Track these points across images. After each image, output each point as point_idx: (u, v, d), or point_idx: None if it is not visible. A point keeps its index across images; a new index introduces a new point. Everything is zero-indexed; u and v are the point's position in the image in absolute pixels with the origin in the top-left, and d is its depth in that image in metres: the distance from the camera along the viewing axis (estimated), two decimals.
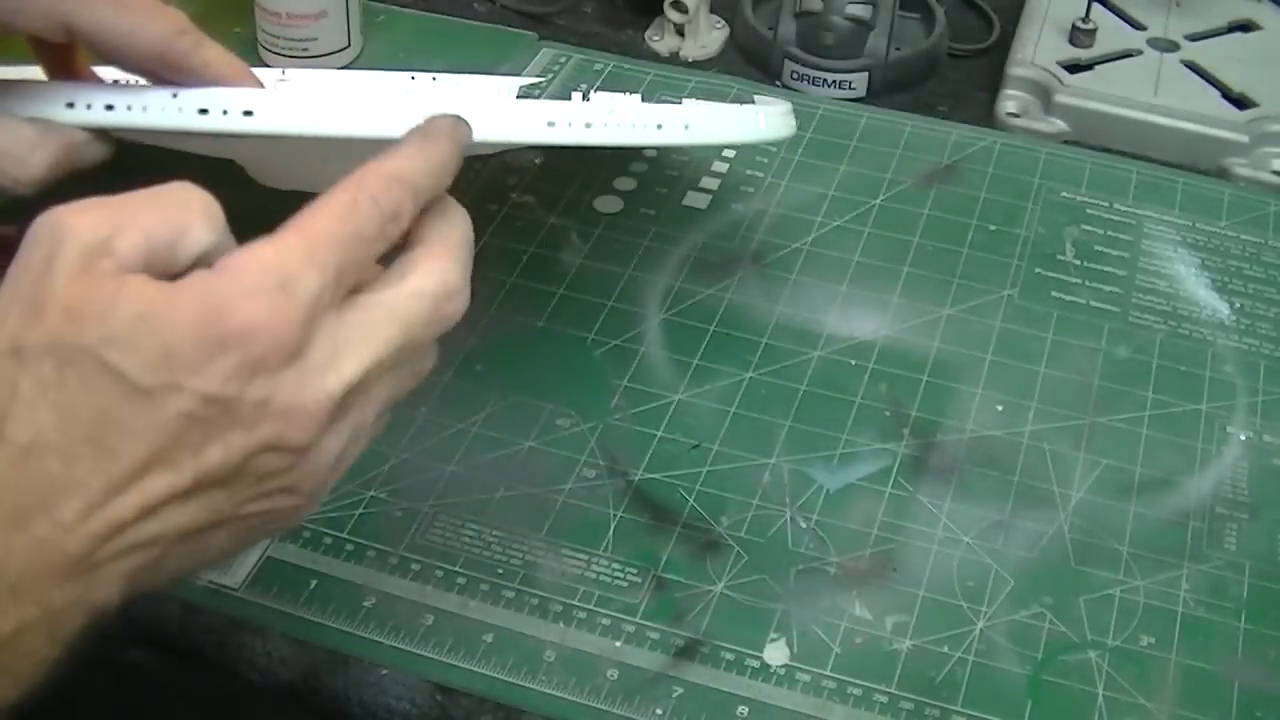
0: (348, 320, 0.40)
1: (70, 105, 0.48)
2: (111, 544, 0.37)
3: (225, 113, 0.48)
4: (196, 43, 0.49)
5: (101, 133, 0.49)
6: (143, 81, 0.50)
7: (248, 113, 0.47)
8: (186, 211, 0.39)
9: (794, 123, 0.62)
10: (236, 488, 0.39)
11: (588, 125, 0.50)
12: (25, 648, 0.37)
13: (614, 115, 0.51)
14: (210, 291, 0.38)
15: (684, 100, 0.65)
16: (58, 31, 0.48)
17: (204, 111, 0.48)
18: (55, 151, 0.48)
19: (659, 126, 0.52)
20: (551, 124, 0.49)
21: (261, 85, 0.50)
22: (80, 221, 0.38)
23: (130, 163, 0.49)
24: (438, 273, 0.42)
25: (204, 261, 0.39)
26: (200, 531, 0.39)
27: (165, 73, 0.49)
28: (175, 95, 0.48)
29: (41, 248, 0.37)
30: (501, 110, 0.49)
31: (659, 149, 0.75)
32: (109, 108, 0.48)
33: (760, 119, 0.58)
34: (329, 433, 0.40)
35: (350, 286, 0.40)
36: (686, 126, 0.53)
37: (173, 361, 0.37)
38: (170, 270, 0.39)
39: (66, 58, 0.53)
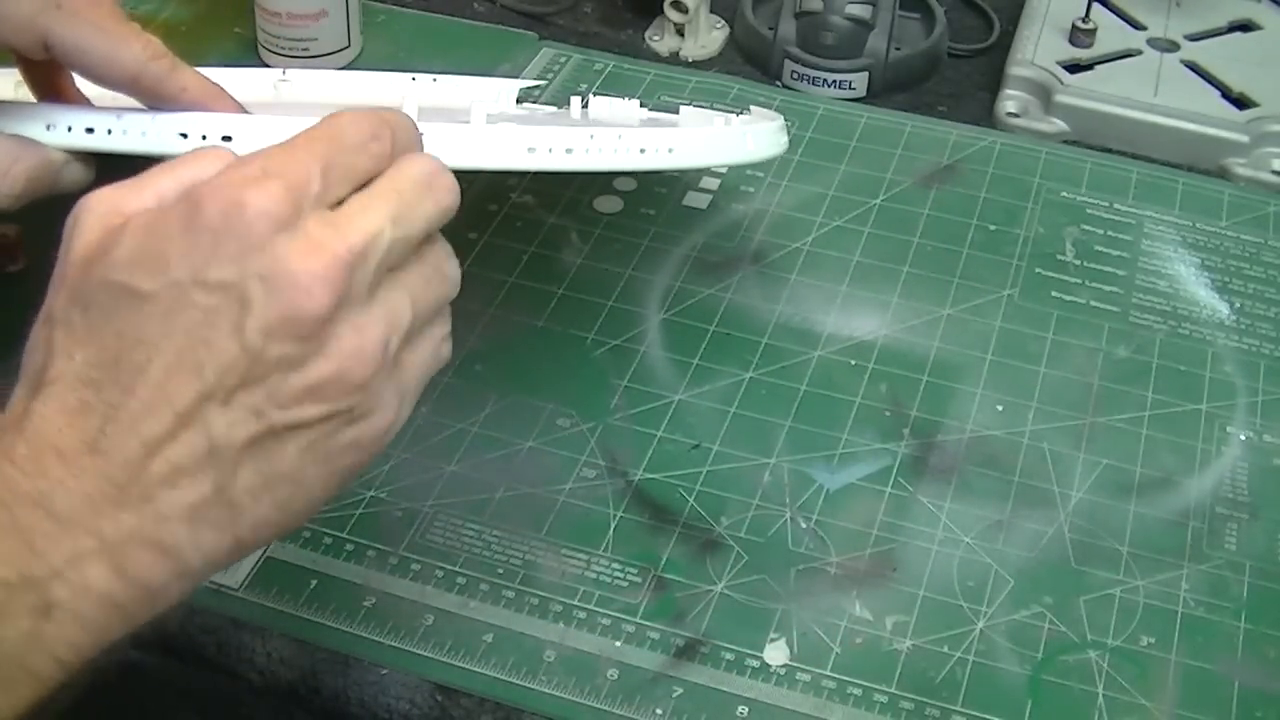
0: (342, 210, 0.40)
1: (49, 127, 0.49)
2: (156, 465, 0.38)
3: (204, 138, 0.47)
4: (171, 68, 0.49)
5: (82, 155, 0.49)
6: (129, 101, 0.50)
7: (226, 138, 0.47)
8: (200, 160, 0.40)
9: (785, 140, 0.61)
10: (274, 384, 0.38)
11: (568, 151, 0.49)
12: (86, 581, 0.37)
13: (595, 140, 0.50)
14: (195, 192, 0.39)
15: (681, 106, 0.65)
16: (36, 48, 0.48)
17: (183, 136, 0.48)
18: (33, 167, 0.48)
19: (641, 151, 0.51)
20: (532, 149, 0.49)
21: (242, 109, 0.50)
22: (95, 195, 0.40)
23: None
24: (417, 160, 0.42)
25: None
26: (256, 447, 0.39)
27: (140, 96, 0.49)
28: (154, 119, 0.48)
29: (67, 231, 0.40)
30: (481, 136, 0.49)
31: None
32: (89, 130, 0.48)
33: (748, 140, 0.58)
34: (357, 310, 0.39)
35: (340, 193, 0.40)
36: (670, 150, 0.52)
37: (168, 261, 0.38)
38: None
39: (52, 77, 0.53)
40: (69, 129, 0.48)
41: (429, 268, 0.42)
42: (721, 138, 0.58)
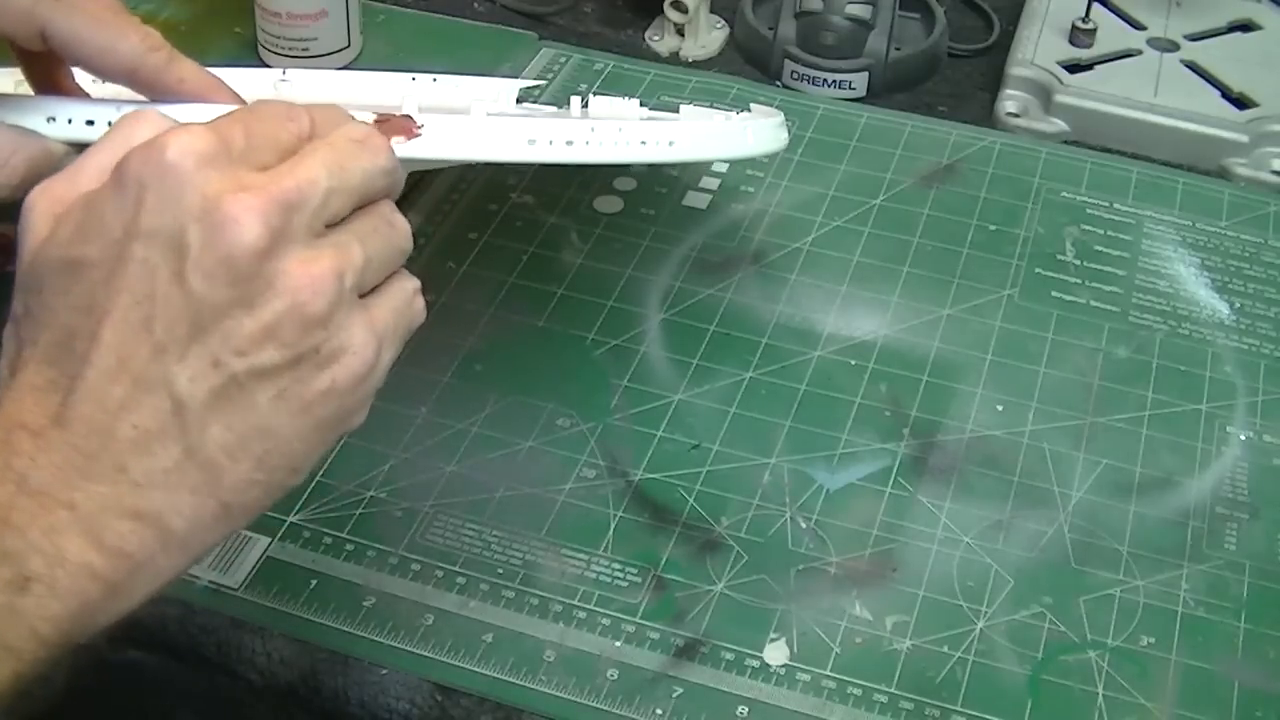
0: (276, 166, 0.40)
1: (51, 119, 0.49)
2: (123, 431, 0.37)
3: None
4: (168, 59, 0.49)
5: (83, 147, 0.49)
6: (130, 94, 0.50)
7: None
8: (133, 126, 0.41)
9: (785, 136, 0.61)
10: (227, 329, 0.38)
11: (569, 143, 0.49)
12: (62, 554, 0.37)
13: (596, 133, 0.50)
14: (125, 157, 0.39)
15: (681, 106, 0.65)
16: (34, 38, 0.48)
17: None
18: (33, 157, 0.48)
19: (642, 143, 0.51)
20: (532, 142, 0.49)
21: (240, 100, 0.50)
22: (39, 190, 0.41)
23: None
24: (349, 124, 0.42)
25: None
26: (222, 400, 0.38)
27: (138, 88, 0.49)
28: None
29: (19, 232, 0.40)
30: (481, 128, 0.49)
31: None
32: (89, 123, 0.48)
33: (748, 135, 0.58)
34: (300, 249, 0.38)
35: (266, 158, 0.40)
36: (671, 143, 0.52)
37: (104, 224, 0.38)
38: None
39: (50, 71, 0.53)
40: (70, 121, 0.49)
41: (376, 218, 0.42)
42: (722, 131, 0.58)
